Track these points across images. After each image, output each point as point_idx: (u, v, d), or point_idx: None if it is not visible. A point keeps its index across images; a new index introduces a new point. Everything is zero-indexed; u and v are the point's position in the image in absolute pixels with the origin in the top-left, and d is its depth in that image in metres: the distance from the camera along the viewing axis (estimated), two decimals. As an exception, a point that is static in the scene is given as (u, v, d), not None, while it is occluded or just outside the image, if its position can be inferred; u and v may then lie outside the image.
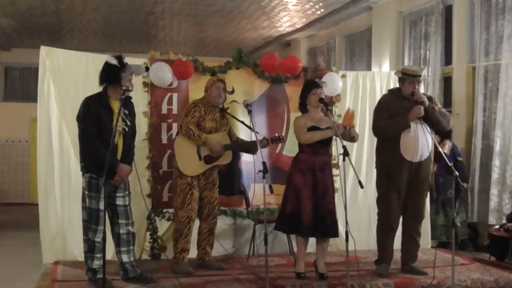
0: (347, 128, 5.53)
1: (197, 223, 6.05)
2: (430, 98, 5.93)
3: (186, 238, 5.84)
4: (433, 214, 7.91)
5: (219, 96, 5.95)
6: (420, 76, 5.76)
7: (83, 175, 5.28)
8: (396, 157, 5.71)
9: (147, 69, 5.77)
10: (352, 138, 5.68)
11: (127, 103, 5.31)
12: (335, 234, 5.55)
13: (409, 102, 5.75)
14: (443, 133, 8.02)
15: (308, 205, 5.50)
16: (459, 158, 8.15)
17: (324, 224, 5.50)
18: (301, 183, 5.57)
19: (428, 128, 5.71)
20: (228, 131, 6.09)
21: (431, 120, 5.67)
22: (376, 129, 5.88)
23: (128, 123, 5.32)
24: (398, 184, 5.76)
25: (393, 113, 5.77)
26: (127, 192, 5.38)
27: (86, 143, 5.17)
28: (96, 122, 5.12)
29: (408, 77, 5.77)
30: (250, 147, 6.07)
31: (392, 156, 5.74)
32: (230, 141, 6.02)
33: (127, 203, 5.36)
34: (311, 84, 5.76)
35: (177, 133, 5.99)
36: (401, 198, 5.82)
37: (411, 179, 5.77)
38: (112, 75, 5.21)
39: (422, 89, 7.44)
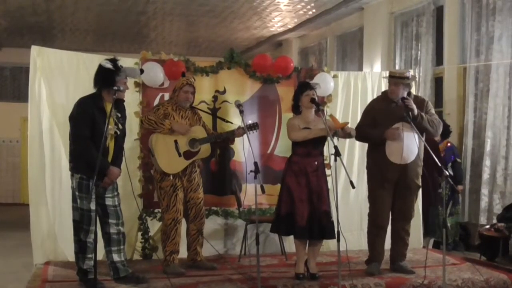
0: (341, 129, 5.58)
1: (184, 224, 6.03)
2: (423, 102, 5.95)
3: (174, 240, 5.82)
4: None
5: (186, 100, 5.92)
6: (402, 78, 5.78)
7: (72, 175, 5.26)
8: (383, 159, 5.79)
9: (142, 71, 5.74)
10: (348, 134, 5.67)
11: (119, 106, 5.31)
12: (332, 235, 5.48)
13: (396, 106, 5.79)
14: (443, 134, 8.09)
15: (301, 207, 5.50)
16: (458, 160, 8.20)
17: (320, 226, 5.49)
18: (294, 185, 5.57)
19: (416, 132, 5.72)
20: (202, 126, 6.07)
21: (418, 127, 5.68)
22: (358, 133, 5.91)
23: (120, 126, 5.32)
24: (386, 185, 5.84)
25: (378, 117, 5.83)
26: (116, 193, 5.37)
27: (79, 144, 5.15)
28: (90, 124, 5.10)
29: (391, 79, 5.83)
30: (227, 137, 6.10)
31: (378, 158, 5.83)
32: (206, 135, 6.00)
33: (116, 203, 5.36)
34: (304, 86, 5.76)
35: (151, 134, 5.91)
36: (390, 198, 5.88)
37: (398, 180, 5.83)
38: (106, 79, 5.18)
39: (413, 91, 7.49)
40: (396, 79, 5.79)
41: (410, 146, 5.75)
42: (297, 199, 5.52)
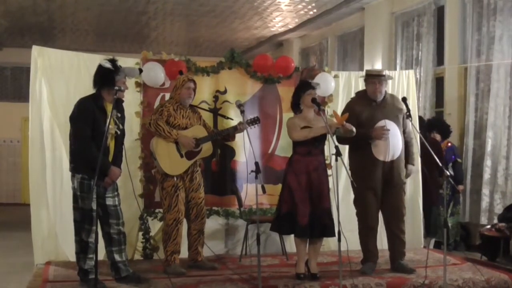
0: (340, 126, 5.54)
1: (185, 224, 6.02)
2: (404, 99, 5.98)
3: (175, 241, 5.82)
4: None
5: (189, 96, 5.91)
6: (382, 75, 5.87)
7: (73, 175, 5.26)
8: (369, 157, 5.82)
9: (140, 71, 5.74)
10: (350, 131, 5.57)
11: (119, 106, 5.31)
12: (332, 233, 5.50)
13: (377, 104, 5.89)
14: (444, 133, 8.11)
15: (302, 206, 5.49)
16: (459, 160, 8.20)
17: (321, 224, 5.50)
18: (295, 184, 5.57)
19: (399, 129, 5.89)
20: (203, 124, 6.07)
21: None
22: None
23: (120, 126, 5.33)
24: (373, 184, 5.85)
25: (361, 119, 5.86)
26: (116, 193, 5.38)
27: (80, 144, 5.16)
28: (90, 124, 5.11)
29: (371, 78, 5.91)
30: (229, 134, 6.09)
31: (364, 157, 5.85)
32: (207, 133, 5.99)
33: (116, 203, 5.36)
34: (305, 85, 5.76)
35: (153, 137, 5.91)
36: (378, 197, 5.90)
37: (385, 178, 5.86)
38: (106, 78, 5.20)
39: (414, 91, 7.53)
40: (377, 77, 5.88)
41: (395, 142, 5.84)
42: (298, 199, 5.52)
